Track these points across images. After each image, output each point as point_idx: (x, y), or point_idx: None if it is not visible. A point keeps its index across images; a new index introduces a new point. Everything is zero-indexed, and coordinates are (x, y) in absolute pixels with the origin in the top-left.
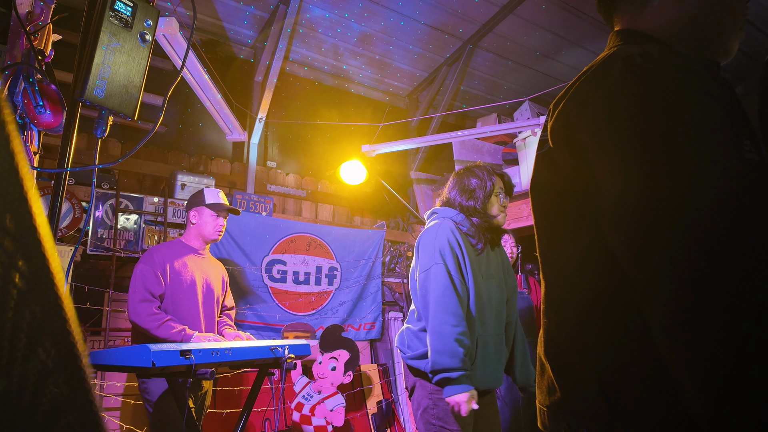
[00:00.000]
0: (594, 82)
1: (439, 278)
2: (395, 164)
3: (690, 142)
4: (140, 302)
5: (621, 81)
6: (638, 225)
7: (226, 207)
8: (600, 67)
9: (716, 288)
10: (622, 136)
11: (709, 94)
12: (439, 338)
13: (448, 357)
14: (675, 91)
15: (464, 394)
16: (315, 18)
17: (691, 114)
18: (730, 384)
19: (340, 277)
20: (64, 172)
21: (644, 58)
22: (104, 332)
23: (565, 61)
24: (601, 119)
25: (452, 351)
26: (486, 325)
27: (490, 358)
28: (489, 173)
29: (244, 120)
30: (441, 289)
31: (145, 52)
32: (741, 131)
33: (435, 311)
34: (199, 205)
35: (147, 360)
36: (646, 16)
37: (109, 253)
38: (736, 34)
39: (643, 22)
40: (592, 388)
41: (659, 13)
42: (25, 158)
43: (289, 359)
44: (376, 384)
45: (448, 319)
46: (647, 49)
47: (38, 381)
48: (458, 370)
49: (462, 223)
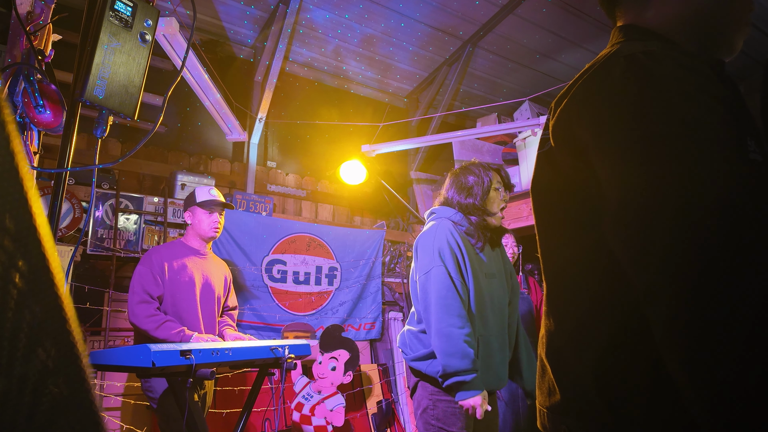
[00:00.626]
0: (596, 80)
1: (440, 280)
2: (395, 164)
3: (692, 142)
4: (139, 304)
5: (623, 80)
6: (640, 227)
7: (218, 202)
8: (602, 65)
9: (719, 291)
10: (624, 136)
11: (712, 94)
12: (447, 341)
13: (459, 359)
14: (678, 90)
15: (478, 397)
16: (315, 18)
17: (693, 114)
18: (732, 386)
19: (340, 277)
20: (64, 172)
21: (647, 56)
22: (104, 332)
23: (565, 61)
24: (603, 119)
25: (463, 352)
26: (488, 324)
27: (493, 358)
28: (485, 169)
29: (244, 120)
30: (443, 290)
31: (145, 52)
32: (745, 132)
33: (439, 313)
34: (191, 205)
35: (147, 360)
36: (649, 11)
37: (109, 253)
38: (742, 30)
39: (647, 18)
40: (592, 390)
41: (663, 9)
42: (25, 158)
43: (289, 359)
44: (376, 384)
45: (454, 321)
46: (650, 46)
47: (38, 381)
48: (471, 372)
49: (461, 222)
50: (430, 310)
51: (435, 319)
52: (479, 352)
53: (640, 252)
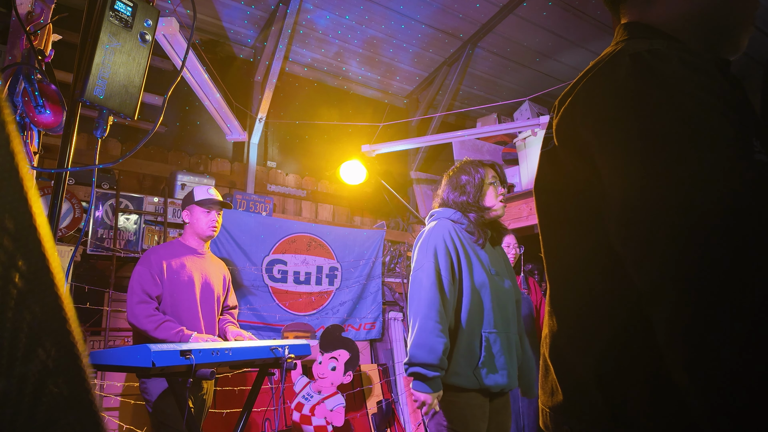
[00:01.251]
0: (600, 79)
1: (428, 275)
2: (395, 164)
3: (696, 142)
4: (138, 304)
5: (627, 79)
6: (642, 227)
7: (216, 201)
8: (607, 63)
9: (721, 293)
10: (627, 136)
11: (717, 94)
12: (420, 332)
13: (426, 352)
14: (683, 90)
15: (430, 396)
16: (315, 18)
17: (698, 114)
18: (735, 387)
19: (340, 276)
20: (64, 172)
21: (652, 54)
22: (104, 332)
23: (565, 61)
24: (607, 118)
25: (431, 347)
26: (492, 320)
27: (501, 355)
28: (476, 166)
29: (244, 120)
30: (428, 285)
31: (145, 52)
32: (751, 131)
33: (420, 306)
34: (189, 203)
35: (147, 360)
36: (654, 8)
37: (109, 253)
38: (747, 29)
39: (651, 15)
40: (594, 390)
41: (668, 6)
42: (25, 158)
43: (290, 359)
44: (376, 384)
45: (432, 315)
46: (655, 45)
47: (38, 381)
48: (434, 370)
49: (460, 220)
50: (413, 304)
51: (416, 311)
52: (482, 351)
53: (642, 253)
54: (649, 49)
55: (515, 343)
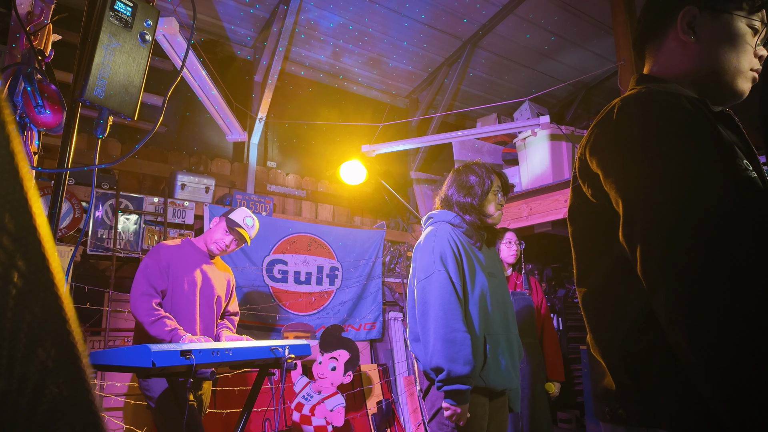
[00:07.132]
0: (601, 125)
1: (442, 284)
2: (395, 164)
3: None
4: (141, 296)
5: (619, 114)
6: (641, 233)
7: (240, 231)
8: (606, 112)
9: (707, 283)
10: (625, 158)
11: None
12: (451, 346)
13: (462, 365)
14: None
15: (466, 406)
16: (315, 18)
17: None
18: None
19: (341, 276)
20: (64, 172)
21: (639, 94)
22: (104, 332)
23: (565, 61)
24: (605, 155)
25: (466, 359)
26: (492, 322)
27: (503, 356)
28: (488, 171)
29: (244, 120)
30: (446, 295)
31: (145, 52)
32: (736, 153)
33: (443, 318)
34: (223, 216)
35: (147, 360)
36: (659, 61)
37: (109, 253)
38: (745, 84)
39: (658, 67)
40: (623, 373)
41: (669, 60)
42: (25, 158)
43: (290, 359)
44: (376, 384)
45: (459, 326)
46: (649, 87)
47: (38, 381)
48: (469, 383)
49: (459, 224)
50: (429, 315)
51: (437, 323)
52: (487, 352)
53: (642, 255)
54: (639, 89)
55: (516, 344)
